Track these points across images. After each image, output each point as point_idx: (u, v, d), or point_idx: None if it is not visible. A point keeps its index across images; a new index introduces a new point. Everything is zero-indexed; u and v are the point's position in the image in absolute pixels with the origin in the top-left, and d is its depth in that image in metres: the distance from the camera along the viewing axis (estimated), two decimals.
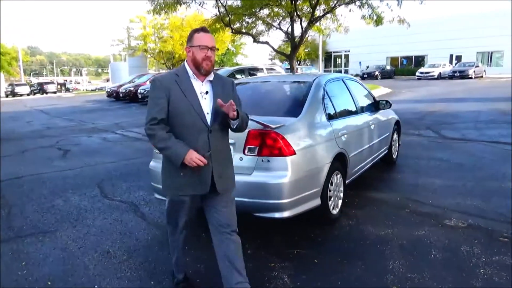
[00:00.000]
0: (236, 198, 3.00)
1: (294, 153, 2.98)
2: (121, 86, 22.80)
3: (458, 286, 2.55)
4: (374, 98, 5.02)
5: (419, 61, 40.35)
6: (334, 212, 3.61)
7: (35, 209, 4.38)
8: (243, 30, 14.35)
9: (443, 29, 36.15)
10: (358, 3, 13.84)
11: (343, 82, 4.39)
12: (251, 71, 16.61)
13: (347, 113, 4.11)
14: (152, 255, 3.18)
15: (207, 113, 2.24)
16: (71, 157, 7.32)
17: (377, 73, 34.49)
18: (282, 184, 2.94)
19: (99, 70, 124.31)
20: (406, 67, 40.09)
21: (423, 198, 4.21)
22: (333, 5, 13.72)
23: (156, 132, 2.18)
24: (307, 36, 14.56)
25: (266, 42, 14.64)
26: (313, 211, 3.32)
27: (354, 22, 16.41)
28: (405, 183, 4.82)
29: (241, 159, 3.05)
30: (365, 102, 4.72)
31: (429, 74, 30.62)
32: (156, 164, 3.57)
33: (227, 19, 13.67)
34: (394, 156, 5.71)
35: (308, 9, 13.91)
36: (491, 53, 36.83)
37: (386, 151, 5.30)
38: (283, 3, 13.54)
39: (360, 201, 4.18)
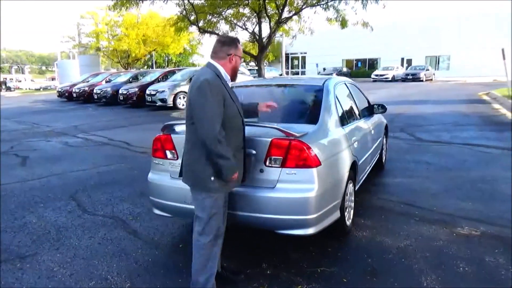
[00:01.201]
0: (255, 214, 2.76)
1: (319, 164, 2.75)
2: (74, 85, 21.43)
3: None
4: (368, 101, 4.92)
5: (373, 63, 41.88)
6: (348, 223, 3.43)
7: (3, 229, 3.81)
8: (210, 29, 13.94)
9: (395, 34, 37.75)
10: (323, 5, 13.97)
11: (346, 85, 4.23)
12: None
13: (353, 118, 3.95)
14: (158, 280, 2.81)
15: None
16: (32, 164, 6.60)
17: (334, 75, 35.26)
18: (309, 198, 2.69)
19: (43, 68, 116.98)
20: (361, 70, 41.46)
21: (426, 205, 4.14)
22: (301, 6, 13.74)
23: (223, 139, 2.24)
24: (274, 37, 14.45)
25: None
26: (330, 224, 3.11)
27: (311, 24, 16.57)
28: (402, 188, 4.76)
29: (261, 170, 2.76)
30: (363, 106, 4.60)
31: (384, 76, 31.83)
32: (156, 177, 3.19)
33: (192, 17, 13.24)
34: (383, 160, 5.67)
35: (275, 10, 13.82)
36: (439, 57, 39.02)
37: (379, 155, 5.23)
38: (249, 3, 13.35)
39: (364, 209, 4.03)
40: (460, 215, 3.85)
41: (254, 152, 2.75)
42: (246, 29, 14.51)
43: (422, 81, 30.07)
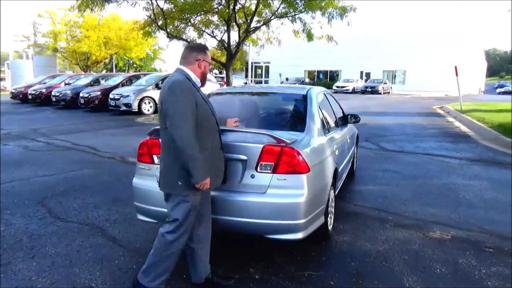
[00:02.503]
0: (247, 219, 2.79)
1: (309, 170, 2.83)
2: (29, 87, 20.37)
3: None
4: (343, 111, 5.10)
5: (334, 75, 43.22)
6: (330, 228, 3.53)
7: None
8: (178, 35, 13.82)
9: (355, 48, 39.21)
10: (291, 18, 14.29)
11: (325, 95, 4.38)
12: None
13: (332, 127, 4.08)
14: None
15: None
16: None
17: (297, 85, 36.03)
18: (299, 203, 2.76)
19: None
20: (322, 81, 42.61)
21: (399, 210, 4.35)
22: (269, 17, 13.97)
23: (195, 140, 2.27)
24: (242, 45, 14.58)
25: None
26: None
27: (279, 35, 16.90)
28: (374, 195, 4.95)
29: (252, 176, 2.80)
30: (338, 115, 4.76)
31: (345, 88, 32.97)
32: (141, 182, 3.13)
33: (160, 22, 13.08)
34: (354, 168, 5.87)
35: (244, 20, 13.97)
36: (395, 71, 41.00)
37: (351, 163, 5.41)
38: (219, 10, 13.41)
39: (341, 215, 4.16)
40: (431, 220, 4.08)
41: (245, 158, 2.79)
42: (215, 36, 14.54)
43: (380, 93, 31.42)
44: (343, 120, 4.89)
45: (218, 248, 3.36)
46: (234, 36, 14.53)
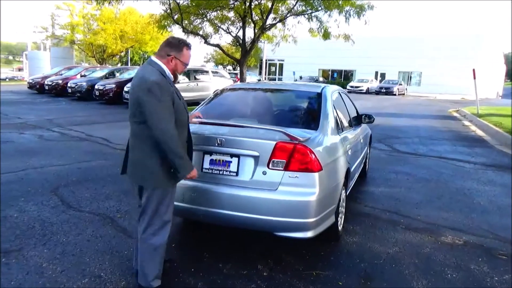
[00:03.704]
0: (257, 216, 2.78)
1: (321, 168, 2.81)
2: (46, 77, 20.67)
3: None
4: (357, 111, 5.05)
5: (348, 75, 42.85)
6: (340, 228, 3.50)
7: None
8: (193, 30, 13.85)
9: (371, 48, 38.80)
10: (307, 15, 14.18)
11: (339, 94, 4.33)
12: (196, 72, 16.16)
13: (346, 126, 4.04)
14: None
15: None
16: (6, 157, 6.31)
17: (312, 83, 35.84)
18: (310, 202, 2.74)
19: (10, 58, 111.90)
20: (337, 80, 42.30)
21: (411, 213, 4.29)
22: (285, 15, 13.90)
23: (177, 138, 2.34)
24: (257, 42, 14.55)
25: (218, 45, 14.32)
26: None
27: (295, 33, 16.80)
28: (386, 196, 4.90)
29: (264, 173, 2.79)
30: (353, 115, 4.71)
31: (359, 88, 32.64)
32: None
33: (176, 16, 13.11)
34: (366, 169, 5.82)
35: (260, 16, 13.92)
36: (411, 73, 40.46)
37: (363, 164, 5.36)
38: (235, 7, 13.39)
39: (352, 216, 4.12)
40: (443, 224, 4.01)
41: (257, 154, 2.78)
42: (230, 33, 14.53)
43: (395, 95, 31.04)
44: (357, 120, 4.84)
45: (227, 243, 3.37)
46: (250, 33, 14.50)
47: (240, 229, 3.23)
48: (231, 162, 2.83)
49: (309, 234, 2.82)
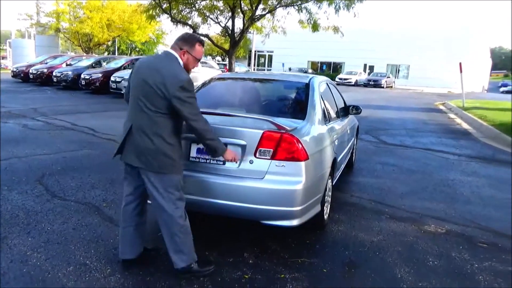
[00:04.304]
0: (243, 204, 2.80)
1: (307, 158, 2.82)
2: (31, 66, 20.25)
3: None
4: (345, 102, 5.08)
5: (337, 67, 42.99)
6: (325, 217, 3.54)
7: None
8: (182, 20, 13.70)
9: (360, 40, 38.88)
10: (297, 6, 14.15)
11: (327, 84, 4.35)
12: None
13: (333, 117, 4.07)
14: (140, 267, 2.75)
15: None
16: None
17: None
18: (296, 190, 2.76)
19: None
20: (325, 72, 42.38)
21: (395, 203, 4.36)
22: (275, 5, 13.84)
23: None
24: (246, 33, 14.46)
25: (207, 35, 14.18)
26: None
27: (284, 24, 16.76)
28: (372, 187, 4.96)
29: (251, 162, 2.80)
30: (340, 105, 4.74)
31: (347, 80, 32.79)
32: None
33: (165, 5, 12.95)
34: (353, 160, 5.87)
35: (249, 7, 13.83)
36: (399, 66, 40.77)
37: (350, 155, 5.41)
38: None
39: (338, 205, 4.16)
40: (427, 214, 4.09)
41: (244, 143, 2.78)
42: (219, 23, 14.42)
43: (383, 87, 31.29)
44: (345, 111, 4.87)
45: (213, 231, 3.38)
46: (239, 23, 14.43)
47: (227, 218, 3.24)
48: None
49: (295, 222, 2.85)
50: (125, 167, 2.67)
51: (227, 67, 16.09)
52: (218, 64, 22.96)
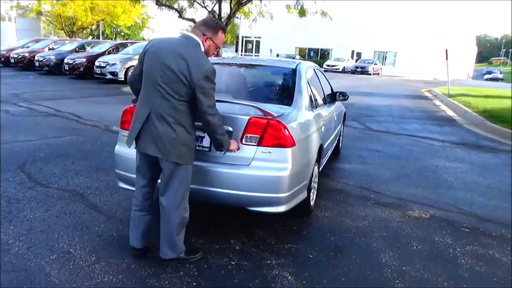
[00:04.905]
0: (228, 191, 2.78)
1: (294, 144, 2.81)
2: (11, 50, 19.67)
3: (450, 276, 2.69)
4: (331, 88, 5.07)
5: (325, 54, 42.92)
6: (312, 203, 3.55)
7: None
8: (168, 3, 13.42)
9: (347, 27, 38.81)
10: None
11: (314, 71, 4.32)
12: None
13: (320, 103, 4.05)
14: (125, 254, 2.73)
15: None
16: None
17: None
18: (282, 177, 2.75)
19: None
20: (313, 59, 42.29)
21: (381, 189, 4.41)
22: None
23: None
24: (233, 18, 14.26)
25: (193, 20, 13.93)
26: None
27: (271, 9, 16.58)
28: (358, 173, 5.00)
29: (237, 148, 2.77)
30: (327, 92, 4.72)
31: (335, 67, 32.76)
32: (123, 149, 3.06)
33: None
34: (340, 146, 5.90)
35: None
36: (386, 53, 40.89)
37: (337, 141, 5.43)
38: None
39: (324, 191, 4.19)
40: (411, 199, 4.15)
41: (231, 129, 2.75)
42: (205, 7, 14.16)
43: (370, 74, 31.38)
44: (331, 97, 4.85)
45: (200, 218, 3.36)
46: (226, 8, 14.19)
47: (214, 205, 3.23)
48: (204, 137, 2.79)
49: (281, 209, 2.85)
50: (138, 157, 2.57)
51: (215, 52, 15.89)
52: None
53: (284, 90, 3.50)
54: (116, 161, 3.15)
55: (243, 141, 2.76)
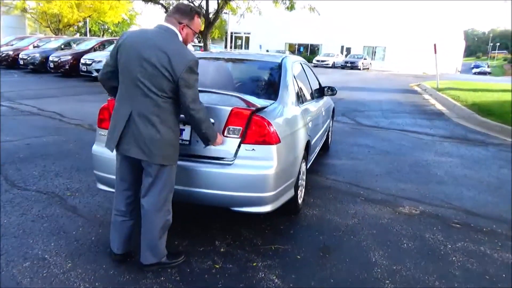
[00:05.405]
0: (211, 191, 2.66)
1: (279, 141, 2.70)
2: None
3: (442, 275, 2.61)
4: (319, 83, 4.96)
5: (315, 49, 42.85)
6: (300, 201, 3.45)
7: None
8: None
9: (337, 22, 38.74)
10: None
11: (301, 65, 4.21)
12: None
13: (307, 98, 3.94)
14: (103, 259, 2.60)
15: None
16: None
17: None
18: (268, 175, 2.63)
19: None
20: (303, 54, 42.19)
21: (370, 185, 4.32)
22: None
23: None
24: (221, 13, 14.08)
25: None
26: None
27: (259, 4, 16.42)
28: (347, 169, 4.91)
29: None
30: (315, 87, 4.62)
31: (325, 62, 32.75)
32: (101, 149, 2.92)
33: None
34: (329, 142, 5.81)
35: None
36: (375, 48, 40.96)
37: (326, 137, 5.33)
38: None
39: (313, 189, 4.09)
40: (401, 195, 4.07)
41: (212, 121, 2.62)
42: (192, 2, 13.94)
43: (359, 69, 31.39)
44: (319, 92, 4.75)
45: (183, 219, 3.24)
46: (213, 4, 14.00)
47: (198, 205, 3.10)
48: (183, 130, 2.64)
49: (267, 208, 2.74)
50: (119, 160, 2.42)
51: (203, 48, 15.69)
52: (193, 46, 22.41)
53: (269, 85, 3.38)
54: (94, 162, 3.02)
55: (225, 133, 2.62)
